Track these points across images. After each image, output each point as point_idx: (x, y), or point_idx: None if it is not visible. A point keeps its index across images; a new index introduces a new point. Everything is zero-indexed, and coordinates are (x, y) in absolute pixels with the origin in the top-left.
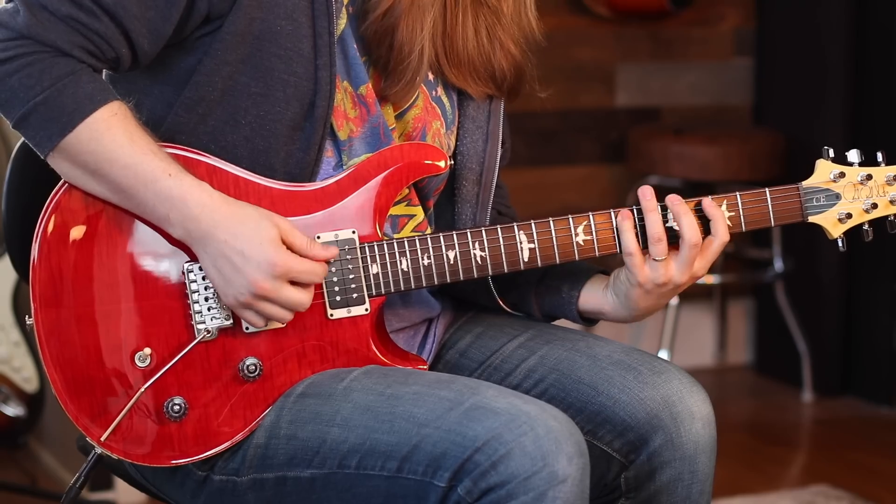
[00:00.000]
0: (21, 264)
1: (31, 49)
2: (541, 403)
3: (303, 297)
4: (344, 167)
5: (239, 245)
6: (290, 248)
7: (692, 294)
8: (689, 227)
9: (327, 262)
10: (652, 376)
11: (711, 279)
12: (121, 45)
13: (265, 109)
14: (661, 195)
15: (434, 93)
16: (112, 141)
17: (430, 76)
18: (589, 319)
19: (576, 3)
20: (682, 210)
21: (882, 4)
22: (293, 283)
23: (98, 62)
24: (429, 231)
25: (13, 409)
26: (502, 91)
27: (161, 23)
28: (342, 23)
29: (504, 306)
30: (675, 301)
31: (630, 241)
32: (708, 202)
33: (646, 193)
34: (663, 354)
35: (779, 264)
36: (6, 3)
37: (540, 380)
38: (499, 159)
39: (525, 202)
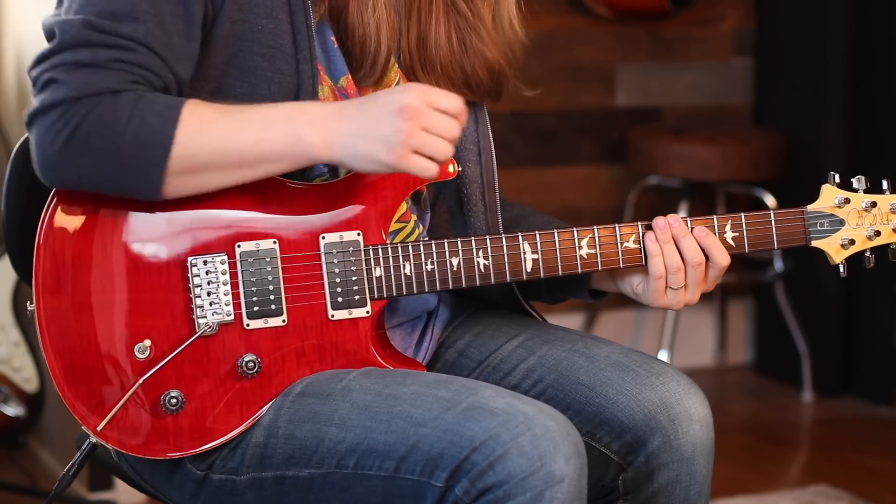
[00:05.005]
0: (21, 264)
1: (90, 105)
2: (538, 403)
3: (447, 120)
4: (324, 165)
5: (370, 104)
6: None
7: None
8: (690, 249)
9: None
10: (650, 378)
11: None
12: (166, 73)
13: None
14: (661, 195)
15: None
16: (212, 124)
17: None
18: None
19: (576, 3)
20: (681, 232)
21: (882, 5)
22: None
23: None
24: (414, 218)
25: (13, 409)
26: (478, 96)
27: (187, 43)
28: (319, 16)
29: (523, 302)
30: None
31: (658, 265)
32: (700, 232)
33: (661, 225)
34: (663, 354)
35: (779, 264)
36: (34, 89)
37: (539, 380)
38: (492, 138)
39: (525, 202)
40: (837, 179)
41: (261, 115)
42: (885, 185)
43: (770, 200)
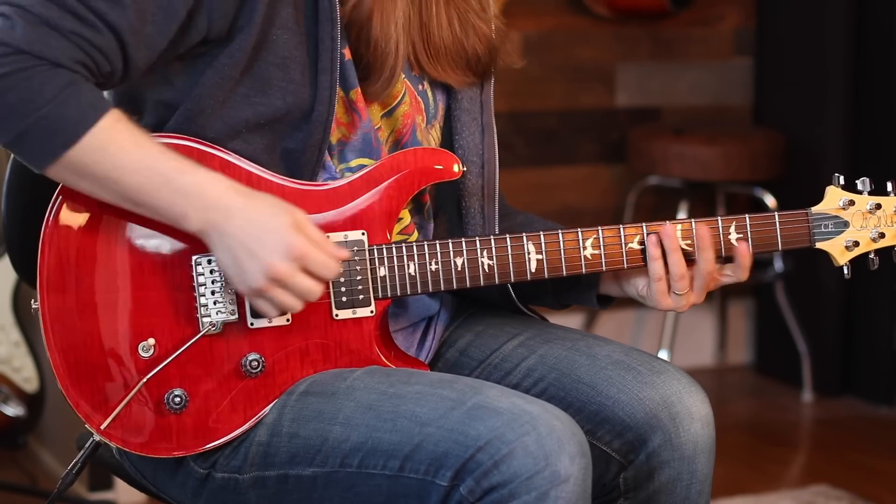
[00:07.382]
0: (21, 264)
1: (28, 63)
2: (543, 403)
3: (314, 286)
4: (336, 171)
5: (255, 231)
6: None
7: None
8: (707, 262)
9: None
10: (651, 376)
11: None
12: (118, 60)
13: (265, 118)
14: (661, 195)
15: (420, 87)
16: (119, 148)
17: (415, 72)
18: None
19: (576, 3)
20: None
21: (882, 5)
22: (306, 273)
23: (91, 76)
24: (415, 235)
25: (13, 409)
26: (477, 76)
27: (158, 37)
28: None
29: (519, 304)
30: None
31: (657, 268)
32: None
33: (669, 233)
34: (663, 354)
35: (779, 264)
36: None
37: (539, 379)
38: (497, 151)
39: (525, 202)
40: (842, 181)
41: (166, 170)
42: (889, 187)
43: (770, 200)
